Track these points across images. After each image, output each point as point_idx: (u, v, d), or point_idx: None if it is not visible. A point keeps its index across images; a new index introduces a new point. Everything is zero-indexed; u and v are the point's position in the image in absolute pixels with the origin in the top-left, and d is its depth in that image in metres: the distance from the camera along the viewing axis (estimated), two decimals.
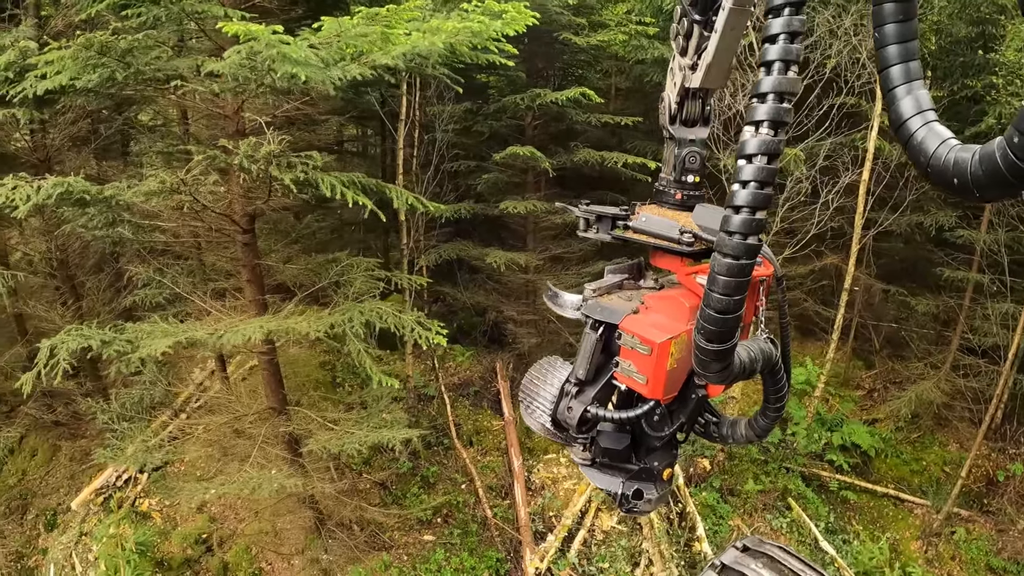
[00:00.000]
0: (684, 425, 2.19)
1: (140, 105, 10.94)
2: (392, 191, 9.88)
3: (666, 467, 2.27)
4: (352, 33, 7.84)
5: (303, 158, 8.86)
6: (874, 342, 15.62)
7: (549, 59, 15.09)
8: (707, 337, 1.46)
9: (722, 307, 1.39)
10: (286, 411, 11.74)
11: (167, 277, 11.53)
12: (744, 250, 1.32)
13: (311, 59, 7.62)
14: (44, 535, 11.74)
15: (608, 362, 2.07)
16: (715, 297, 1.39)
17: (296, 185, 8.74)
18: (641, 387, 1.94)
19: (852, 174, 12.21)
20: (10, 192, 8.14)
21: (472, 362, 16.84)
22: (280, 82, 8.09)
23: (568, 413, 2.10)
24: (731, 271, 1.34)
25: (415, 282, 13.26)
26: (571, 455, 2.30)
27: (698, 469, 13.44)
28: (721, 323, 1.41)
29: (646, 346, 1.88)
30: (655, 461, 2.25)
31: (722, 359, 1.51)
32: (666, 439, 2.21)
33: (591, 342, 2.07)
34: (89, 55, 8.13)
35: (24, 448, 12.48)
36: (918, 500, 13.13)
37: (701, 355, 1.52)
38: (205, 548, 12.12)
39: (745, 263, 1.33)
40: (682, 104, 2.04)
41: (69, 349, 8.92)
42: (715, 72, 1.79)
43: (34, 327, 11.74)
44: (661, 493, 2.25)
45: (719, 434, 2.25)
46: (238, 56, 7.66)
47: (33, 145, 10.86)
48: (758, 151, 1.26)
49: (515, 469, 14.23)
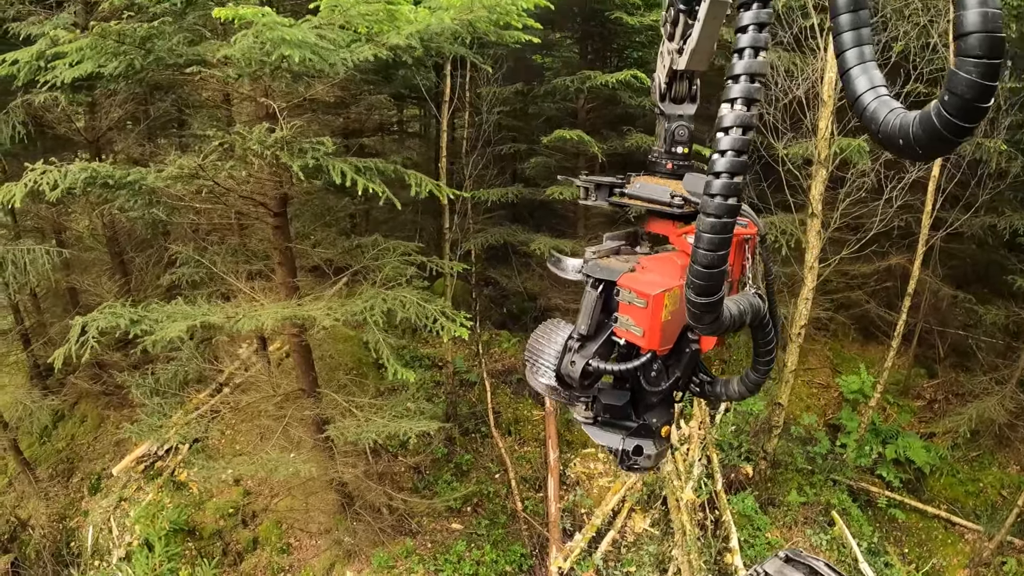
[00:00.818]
0: (680, 381, 2.31)
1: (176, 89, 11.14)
2: (411, 177, 9.65)
3: (664, 424, 2.40)
4: (354, 12, 7.65)
5: (314, 144, 8.73)
6: (938, 349, 14.41)
7: (604, 40, 14.51)
8: (696, 291, 1.58)
9: (708, 262, 1.53)
10: (316, 393, 11.83)
11: (206, 256, 11.78)
12: (725, 210, 1.46)
13: (308, 40, 7.48)
14: (88, 498, 12.36)
15: (607, 320, 2.23)
16: (701, 253, 1.53)
17: (305, 172, 8.69)
18: (638, 339, 2.10)
19: (920, 169, 11.17)
20: (39, 177, 8.43)
21: (518, 349, 16.59)
22: (294, 66, 8.03)
23: (571, 367, 2.22)
24: (714, 229, 1.48)
25: (453, 267, 13.12)
26: (574, 414, 2.45)
27: (740, 475, 12.79)
28: (708, 277, 1.55)
29: (642, 299, 2.06)
30: (653, 418, 2.38)
31: (711, 311, 1.64)
32: (663, 395, 2.34)
33: (592, 299, 2.25)
34: (107, 44, 8.27)
35: (75, 414, 13.16)
36: (970, 524, 12.05)
37: (692, 308, 1.65)
38: (237, 520, 12.46)
39: (726, 221, 1.47)
40: (671, 84, 2.22)
41: (99, 327, 9.18)
42: (698, 56, 1.97)
43: (85, 300, 12.28)
44: (660, 449, 2.38)
45: (713, 392, 2.39)
46: (246, 40, 7.62)
47: (85, 126, 11.26)
48: (733, 124, 1.42)
49: (551, 462, 13.94)
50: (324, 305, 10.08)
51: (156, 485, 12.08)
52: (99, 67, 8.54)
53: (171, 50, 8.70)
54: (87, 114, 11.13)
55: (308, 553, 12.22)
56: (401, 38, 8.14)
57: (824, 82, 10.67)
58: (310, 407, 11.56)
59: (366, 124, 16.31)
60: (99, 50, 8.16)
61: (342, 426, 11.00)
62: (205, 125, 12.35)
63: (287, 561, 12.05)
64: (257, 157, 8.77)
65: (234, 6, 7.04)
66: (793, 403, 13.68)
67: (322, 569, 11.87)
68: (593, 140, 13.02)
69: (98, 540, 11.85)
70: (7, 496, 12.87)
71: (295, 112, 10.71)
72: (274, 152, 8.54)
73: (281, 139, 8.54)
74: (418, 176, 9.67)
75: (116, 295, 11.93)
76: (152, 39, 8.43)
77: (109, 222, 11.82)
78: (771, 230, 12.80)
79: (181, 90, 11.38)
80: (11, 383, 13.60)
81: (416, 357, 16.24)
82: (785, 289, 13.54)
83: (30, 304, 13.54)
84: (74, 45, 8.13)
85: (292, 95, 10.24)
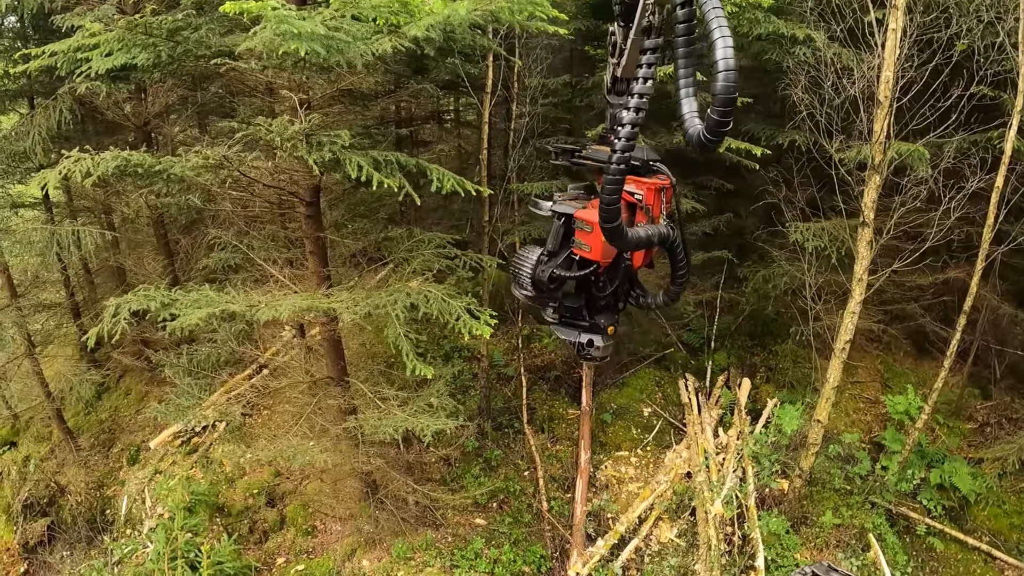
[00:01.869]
0: (619, 289, 3.39)
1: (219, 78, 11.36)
2: (433, 172, 9.51)
3: (609, 325, 3.46)
4: (365, 4, 7.55)
5: (332, 137, 8.72)
6: (994, 370, 13.41)
7: None
8: (602, 218, 2.30)
9: (608, 201, 2.25)
10: (344, 382, 11.95)
11: (244, 242, 12.01)
12: (618, 170, 2.18)
13: (319, 33, 7.41)
14: (125, 468, 12.90)
15: (567, 245, 3.23)
16: (604, 196, 2.25)
17: (323, 165, 8.70)
18: (588, 254, 3.12)
19: (982, 179, 10.33)
20: (72, 164, 8.70)
21: (558, 345, 16.37)
22: (313, 59, 8.01)
23: (542, 274, 3.20)
24: (611, 179, 2.19)
25: (487, 262, 12.98)
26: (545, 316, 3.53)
27: (773, 492, 12.29)
28: (607, 210, 2.28)
29: (589, 225, 3.04)
30: (601, 319, 3.45)
31: (618, 233, 2.40)
32: (608, 301, 3.42)
33: (557, 227, 3.24)
34: (136, 36, 8.45)
35: (119, 387, 13.74)
36: (1012, 560, 11.19)
37: (603, 230, 2.39)
38: (266, 500, 12.78)
39: (619, 178, 2.20)
40: (614, 83, 3.06)
41: (131, 308, 9.48)
42: (628, 69, 2.75)
43: (131, 279, 12.76)
44: (606, 343, 3.43)
45: (645, 302, 3.54)
46: (266, 33, 7.62)
47: (133, 112, 11.63)
48: (628, 122, 2.14)
49: (581, 463, 13.73)
50: (347, 297, 10.09)
51: (190, 461, 12.49)
52: (130, 59, 8.71)
53: (199, 42, 8.82)
54: (134, 100, 11.48)
55: (331, 537, 12.42)
56: (420, 30, 8.00)
57: (880, 81, 9.97)
58: (336, 396, 11.69)
59: (415, 113, 16.32)
60: (128, 42, 8.33)
61: (364, 417, 11.08)
62: (248, 114, 12.55)
63: (310, 543, 12.28)
64: (278, 149, 8.84)
65: (242, 0, 7.02)
66: (837, 418, 13.04)
67: (343, 554, 12.03)
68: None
69: (132, 510, 12.38)
70: (49, 462, 13.61)
71: (327, 103, 10.77)
72: (293, 144, 8.59)
73: (300, 131, 8.56)
74: (440, 171, 9.52)
75: (160, 275, 12.34)
76: (179, 31, 8.57)
77: (155, 206, 12.20)
78: (821, 236, 12.18)
79: (225, 78, 11.60)
80: (60, 355, 14.36)
81: (456, 348, 16.24)
82: (832, 300, 12.86)
83: (83, 280, 14.22)
84: (104, 37, 8.32)
85: (322, 87, 10.28)
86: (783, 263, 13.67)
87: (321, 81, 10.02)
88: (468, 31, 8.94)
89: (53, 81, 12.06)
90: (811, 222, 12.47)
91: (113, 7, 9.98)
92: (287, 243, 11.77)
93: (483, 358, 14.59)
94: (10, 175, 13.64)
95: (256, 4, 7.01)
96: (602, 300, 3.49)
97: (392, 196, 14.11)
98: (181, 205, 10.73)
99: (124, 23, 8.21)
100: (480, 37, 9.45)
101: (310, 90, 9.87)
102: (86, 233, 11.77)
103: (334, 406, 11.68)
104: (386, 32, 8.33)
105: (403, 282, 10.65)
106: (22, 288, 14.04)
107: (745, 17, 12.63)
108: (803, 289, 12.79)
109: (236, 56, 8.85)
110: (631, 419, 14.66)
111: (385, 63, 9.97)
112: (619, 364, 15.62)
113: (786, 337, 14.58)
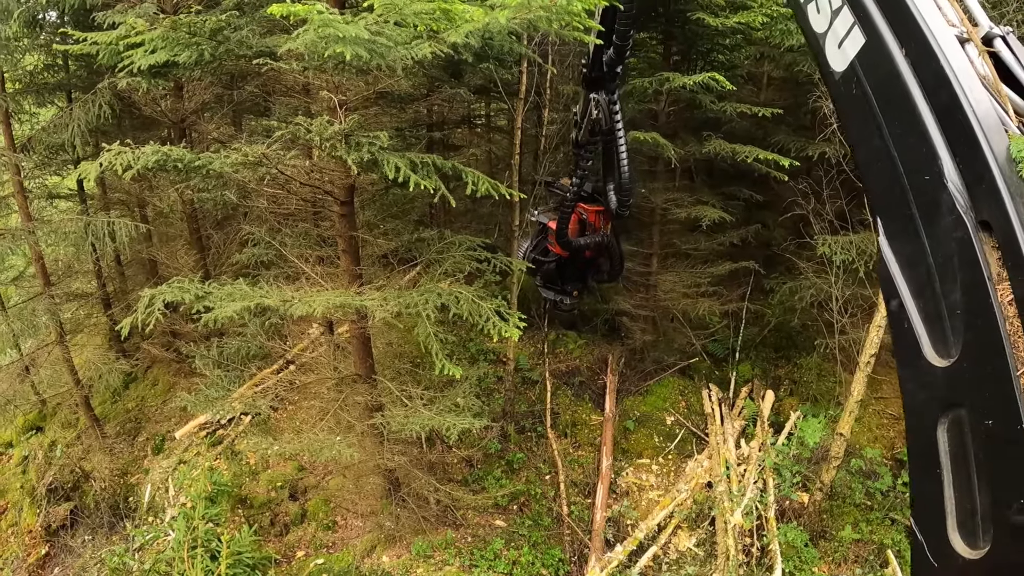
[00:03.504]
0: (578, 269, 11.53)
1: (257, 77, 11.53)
2: (468, 175, 9.58)
3: (574, 290, 11.79)
4: (408, 11, 7.66)
5: (370, 138, 8.83)
6: None
7: (687, 41, 14.03)
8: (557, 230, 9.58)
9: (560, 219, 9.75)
10: (372, 380, 12.06)
11: (276, 239, 12.16)
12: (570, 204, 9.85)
13: (363, 37, 7.52)
14: (150, 457, 13.09)
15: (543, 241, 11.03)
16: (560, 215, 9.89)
17: (361, 165, 8.81)
18: (554, 248, 10.75)
19: None
20: (113, 158, 8.86)
21: (583, 351, 16.42)
22: (355, 62, 8.13)
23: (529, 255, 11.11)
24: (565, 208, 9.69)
25: (516, 265, 13.06)
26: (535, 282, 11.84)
27: (794, 504, 12.26)
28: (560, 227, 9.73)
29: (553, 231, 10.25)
30: (568, 285, 11.73)
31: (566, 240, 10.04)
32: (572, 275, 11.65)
33: (537, 229, 11.05)
34: (179, 35, 8.61)
35: (147, 378, 13.95)
36: None
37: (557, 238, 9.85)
38: (289, 494, 12.92)
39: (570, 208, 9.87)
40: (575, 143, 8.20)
41: (165, 300, 9.62)
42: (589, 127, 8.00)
43: (163, 271, 12.98)
44: (572, 302, 11.99)
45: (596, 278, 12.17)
46: (308, 35, 7.75)
47: (170, 108, 11.83)
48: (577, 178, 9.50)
49: (602, 469, 13.79)
50: (380, 296, 10.19)
51: (215, 452, 12.66)
52: (172, 56, 8.87)
53: (241, 42, 8.98)
54: (172, 97, 11.69)
55: (352, 532, 12.54)
56: (459, 36, 8.10)
57: None
58: (363, 393, 11.80)
59: (448, 116, 16.45)
60: (172, 40, 8.50)
61: (390, 415, 11.18)
62: (284, 113, 12.75)
63: (331, 538, 12.40)
64: (316, 148, 8.95)
65: (289, 3, 7.16)
66: (860, 433, 12.97)
67: (363, 549, 12.15)
68: (669, 144, 12.66)
69: (155, 498, 12.57)
70: (75, 448, 13.86)
71: (363, 104, 10.90)
72: (332, 144, 8.71)
73: (340, 132, 8.68)
74: (475, 174, 9.60)
75: (192, 269, 12.52)
76: (221, 31, 8.73)
77: (189, 200, 12.39)
78: (849, 249, 12.15)
79: (263, 78, 11.79)
80: (90, 344, 14.61)
81: (482, 351, 16.31)
82: (859, 313, 12.83)
83: (115, 271, 14.46)
84: (149, 35, 8.49)
85: (360, 89, 10.40)
86: (810, 275, 13.64)
87: (360, 83, 10.15)
88: (506, 38, 9.04)
89: (90, 76, 12.29)
90: (839, 235, 12.45)
91: (154, 5, 10.16)
92: (319, 241, 11.90)
93: (509, 362, 14.66)
94: (47, 166, 13.94)
95: (302, 7, 7.14)
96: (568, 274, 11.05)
97: (423, 198, 14.33)
98: (217, 200, 10.90)
99: (169, 22, 8.39)
100: (517, 44, 9.54)
101: (348, 91, 9.99)
102: (120, 225, 11.97)
103: (361, 403, 11.79)
104: (425, 37, 8.45)
105: (434, 283, 10.75)
106: (55, 277, 14.31)
107: (777, 28, 12.66)
108: (829, 302, 12.76)
109: (277, 57, 8.99)
110: (654, 427, 14.68)
111: (423, 67, 10.08)
112: (643, 372, 15.65)
113: (811, 350, 14.54)
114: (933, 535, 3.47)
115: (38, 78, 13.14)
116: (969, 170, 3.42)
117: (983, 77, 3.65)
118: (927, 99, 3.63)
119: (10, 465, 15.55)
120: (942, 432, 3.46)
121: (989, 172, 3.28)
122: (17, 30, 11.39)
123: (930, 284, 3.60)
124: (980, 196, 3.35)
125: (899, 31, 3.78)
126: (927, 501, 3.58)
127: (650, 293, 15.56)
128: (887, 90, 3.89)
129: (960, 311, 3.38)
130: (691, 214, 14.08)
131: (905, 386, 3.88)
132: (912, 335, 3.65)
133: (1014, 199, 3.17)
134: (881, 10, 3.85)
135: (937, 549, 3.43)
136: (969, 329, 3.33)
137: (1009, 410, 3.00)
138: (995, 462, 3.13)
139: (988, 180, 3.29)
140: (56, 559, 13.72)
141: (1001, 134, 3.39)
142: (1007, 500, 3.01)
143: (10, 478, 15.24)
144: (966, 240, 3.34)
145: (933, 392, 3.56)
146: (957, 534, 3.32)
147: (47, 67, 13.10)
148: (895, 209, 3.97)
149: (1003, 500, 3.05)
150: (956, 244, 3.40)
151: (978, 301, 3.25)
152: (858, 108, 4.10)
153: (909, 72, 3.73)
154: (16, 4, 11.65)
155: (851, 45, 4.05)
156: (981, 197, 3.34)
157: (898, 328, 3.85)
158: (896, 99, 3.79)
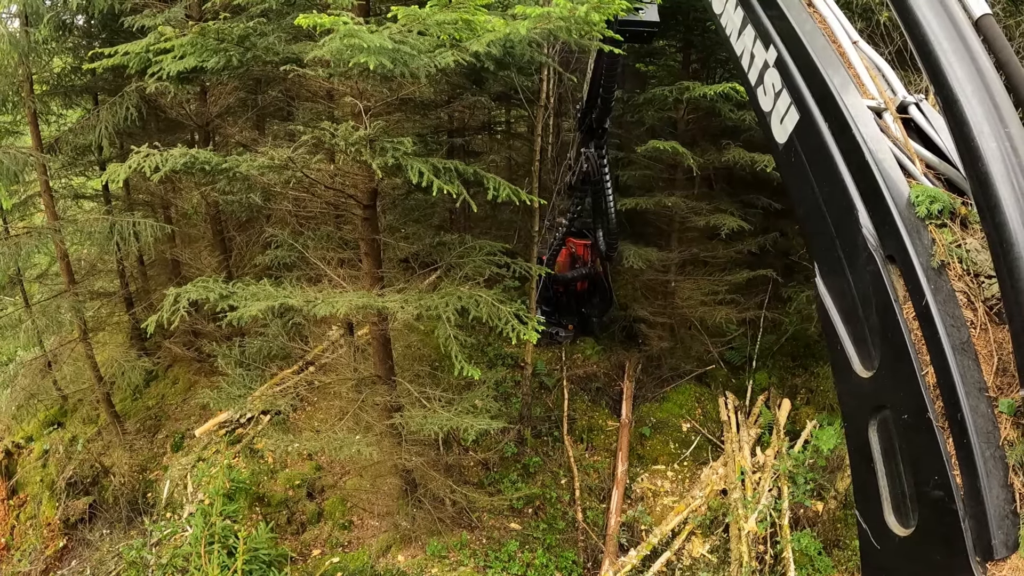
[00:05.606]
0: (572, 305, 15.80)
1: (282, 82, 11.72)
2: (489, 181, 9.69)
3: (568, 324, 15.85)
4: (431, 21, 7.78)
5: (395, 143, 8.95)
6: None
7: (707, 50, 14.11)
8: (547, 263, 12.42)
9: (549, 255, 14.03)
10: (391, 381, 12.18)
11: (299, 241, 12.31)
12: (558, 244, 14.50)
13: (387, 47, 7.64)
14: (169, 454, 13.26)
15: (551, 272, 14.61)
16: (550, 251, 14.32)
17: (385, 170, 8.94)
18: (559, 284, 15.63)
19: None
20: (142, 160, 9.02)
21: (600, 357, 16.45)
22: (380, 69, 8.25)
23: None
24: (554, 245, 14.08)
25: (535, 270, 13.15)
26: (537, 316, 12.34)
27: (808, 512, 12.27)
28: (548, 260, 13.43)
29: None
30: (563, 319, 15.86)
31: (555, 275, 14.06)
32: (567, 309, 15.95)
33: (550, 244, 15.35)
34: (208, 41, 8.78)
35: (168, 376, 14.13)
36: None
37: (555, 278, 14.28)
38: (306, 492, 13.06)
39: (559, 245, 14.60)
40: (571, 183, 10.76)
41: (190, 298, 9.78)
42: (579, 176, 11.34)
43: (186, 272, 13.17)
44: (567, 334, 15.90)
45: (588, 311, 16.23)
46: (334, 43, 7.88)
47: (195, 111, 12.02)
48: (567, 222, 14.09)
49: (618, 474, 13.84)
50: (400, 298, 10.31)
51: (234, 450, 12.83)
52: (201, 62, 9.04)
53: (268, 48, 9.14)
54: (198, 101, 11.87)
55: (368, 532, 12.66)
56: (481, 45, 8.21)
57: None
58: (383, 394, 11.92)
59: (468, 123, 16.58)
60: (200, 47, 8.67)
61: (409, 415, 11.30)
62: (307, 118, 12.91)
63: (347, 537, 12.52)
64: (342, 153, 9.09)
65: (315, 14, 7.30)
66: None
67: (379, 549, 12.26)
68: (689, 152, 12.73)
69: (173, 494, 12.74)
70: (95, 444, 14.05)
71: (387, 110, 11.03)
72: (357, 149, 8.84)
73: (365, 137, 8.81)
74: (496, 180, 9.71)
75: (215, 270, 12.70)
76: (248, 37, 8.89)
77: (213, 202, 12.58)
78: None
79: (287, 83, 11.98)
80: (112, 341, 14.81)
81: (500, 355, 16.39)
82: None
83: (137, 271, 14.68)
84: (178, 41, 8.66)
85: (383, 95, 10.54)
86: None
87: (383, 89, 10.29)
88: (527, 47, 9.15)
89: (117, 79, 12.49)
90: None
91: (182, 10, 10.34)
92: (341, 244, 12.05)
93: (526, 366, 14.73)
94: (73, 167, 14.17)
95: (328, 19, 7.28)
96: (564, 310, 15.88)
97: (444, 203, 14.47)
98: (242, 202, 11.06)
99: (197, 29, 8.56)
100: (537, 53, 9.65)
101: (372, 97, 10.13)
102: (145, 226, 12.15)
103: (380, 404, 11.92)
104: (448, 46, 8.57)
105: (454, 286, 10.86)
106: (79, 276, 14.53)
107: None
108: None
109: (303, 63, 9.13)
110: (669, 434, 14.72)
111: (446, 75, 10.21)
112: (660, 379, 15.70)
113: (828, 359, 14.49)
114: (874, 521, 4.19)
115: (65, 80, 13.37)
116: (876, 215, 4.28)
117: (895, 139, 4.56)
118: (844, 161, 4.53)
119: (31, 459, 15.77)
120: (873, 432, 4.22)
121: (890, 215, 4.13)
122: (47, 34, 11.60)
123: (855, 311, 4.45)
124: (885, 235, 4.20)
125: (823, 108, 4.68)
126: (866, 492, 4.34)
127: (668, 300, 15.60)
128: (816, 156, 4.79)
129: (878, 329, 4.21)
130: (710, 222, 14.15)
131: (842, 398, 4.85)
132: (844, 355, 4.53)
133: (911, 235, 3.99)
134: (811, 91, 4.78)
135: (878, 532, 4.14)
136: (885, 342, 4.14)
137: (919, 404, 3.75)
138: (913, 449, 3.86)
139: (889, 222, 4.14)
140: (74, 552, 13.91)
141: (905, 185, 4.21)
142: (926, 479, 3.70)
143: (30, 472, 15.47)
144: (877, 272, 4.18)
145: (863, 399, 4.41)
146: (893, 517, 4.04)
147: (74, 70, 13.32)
148: (827, 252, 4.82)
149: (923, 479, 3.74)
150: (870, 276, 4.25)
151: (890, 319, 4.07)
152: (797, 172, 5.02)
153: (832, 141, 4.63)
154: (47, 9, 11.90)
155: (789, 121, 4.99)
156: (886, 236, 4.19)
157: (833, 350, 4.72)
158: (823, 163, 4.71)
